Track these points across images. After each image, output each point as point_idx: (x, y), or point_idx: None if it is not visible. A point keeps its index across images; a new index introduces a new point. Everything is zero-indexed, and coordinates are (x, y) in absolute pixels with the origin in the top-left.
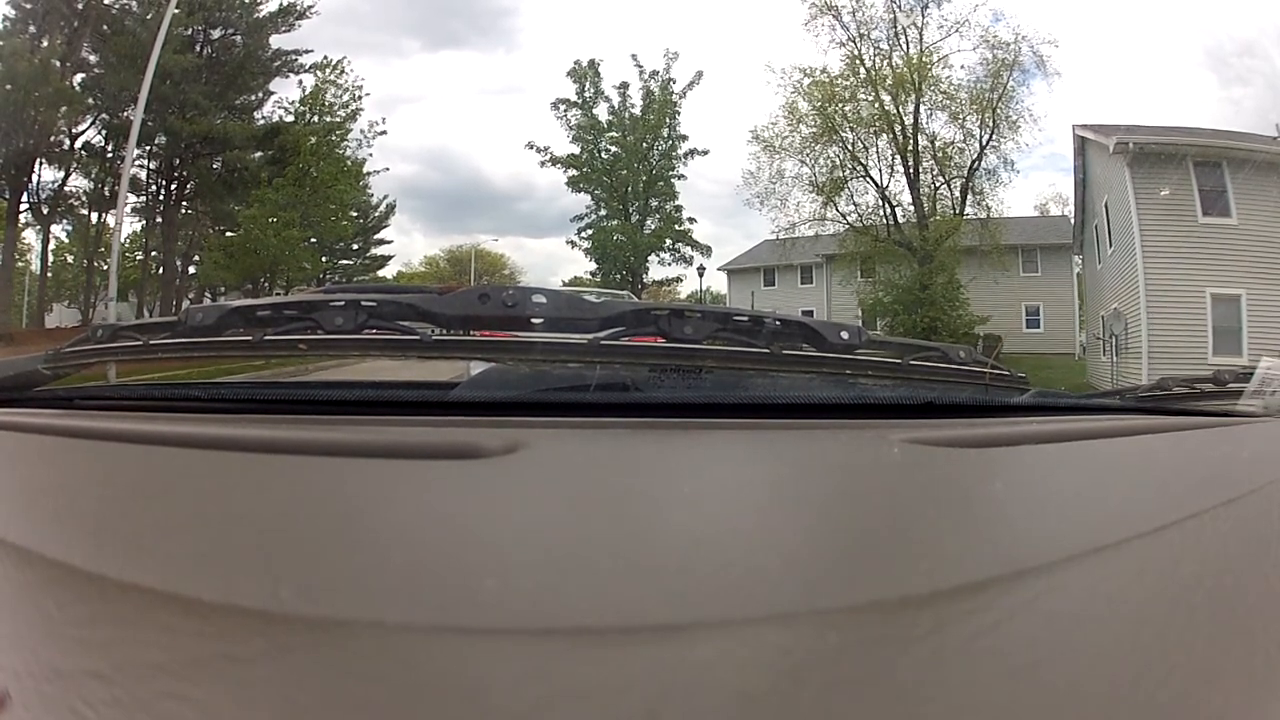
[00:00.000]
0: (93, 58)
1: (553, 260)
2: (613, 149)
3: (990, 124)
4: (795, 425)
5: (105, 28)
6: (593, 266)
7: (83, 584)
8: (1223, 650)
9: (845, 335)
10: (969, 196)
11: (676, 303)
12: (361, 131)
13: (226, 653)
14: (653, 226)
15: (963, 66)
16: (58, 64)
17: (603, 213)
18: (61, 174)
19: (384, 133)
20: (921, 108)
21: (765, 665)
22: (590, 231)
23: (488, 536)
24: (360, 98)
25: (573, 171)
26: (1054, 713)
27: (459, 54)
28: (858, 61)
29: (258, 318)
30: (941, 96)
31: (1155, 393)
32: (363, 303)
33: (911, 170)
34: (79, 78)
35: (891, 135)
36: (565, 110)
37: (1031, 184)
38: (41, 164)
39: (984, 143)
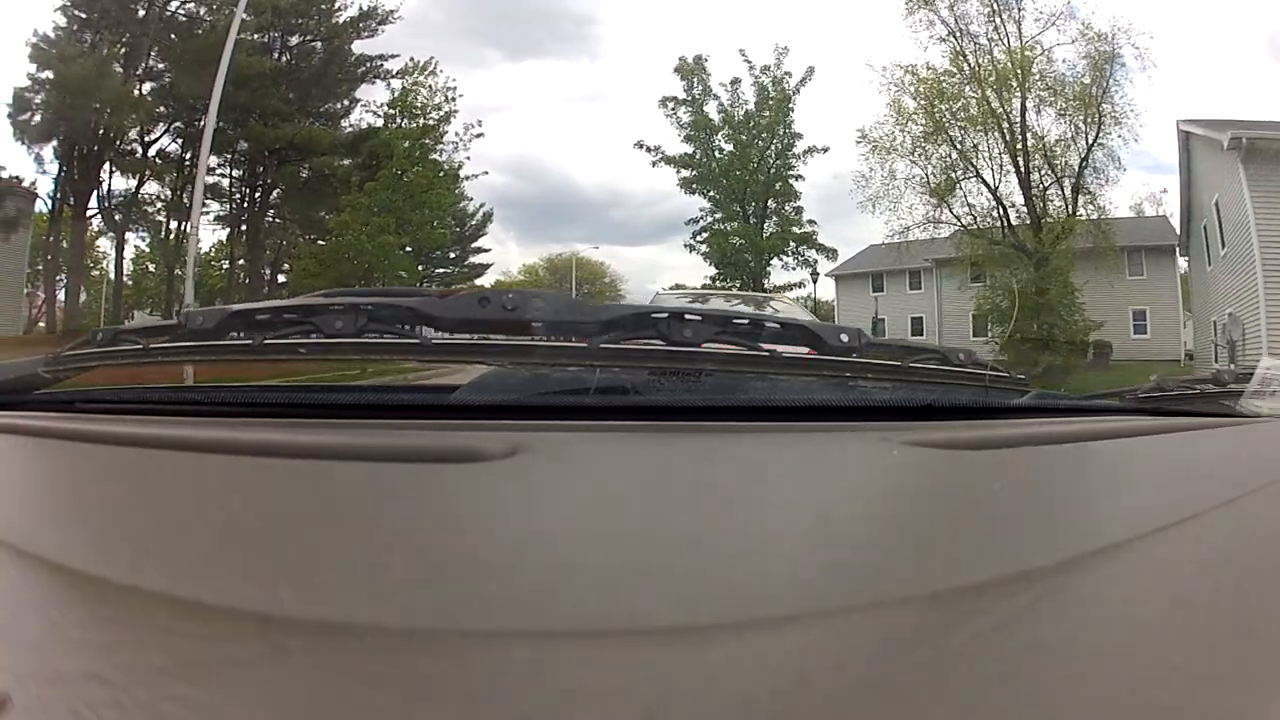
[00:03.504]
0: (161, 66)
1: (649, 268)
2: (727, 147)
3: (1096, 120)
4: (795, 428)
5: (172, 36)
6: (711, 271)
7: (83, 586)
8: (1223, 651)
9: (845, 338)
10: (1079, 196)
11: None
12: (456, 134)
13: (227, 655)
14: (771, 229)
15: (1064, 60)
16: (119, 70)
17: (718, 215)
18: (135, 181)
19: (480, 135)
20: (1027, 104)
21: (767, 667)
22: (706, 235)
23: (489, 540)
24: (453, 99)
25: (686, 172)
26: (1055, 713)
27: (542, 63)
28: (960, 57)
29: (258, 321)
30: (1047, 92)
31: (1155, 393)
32: (363, 307)
33: (1023, 169)
34: (148, 86)
35: (999, 133)
36: (674, 108)
37: (1123, 183)
38: (112, 171)
39: (1092, 139)
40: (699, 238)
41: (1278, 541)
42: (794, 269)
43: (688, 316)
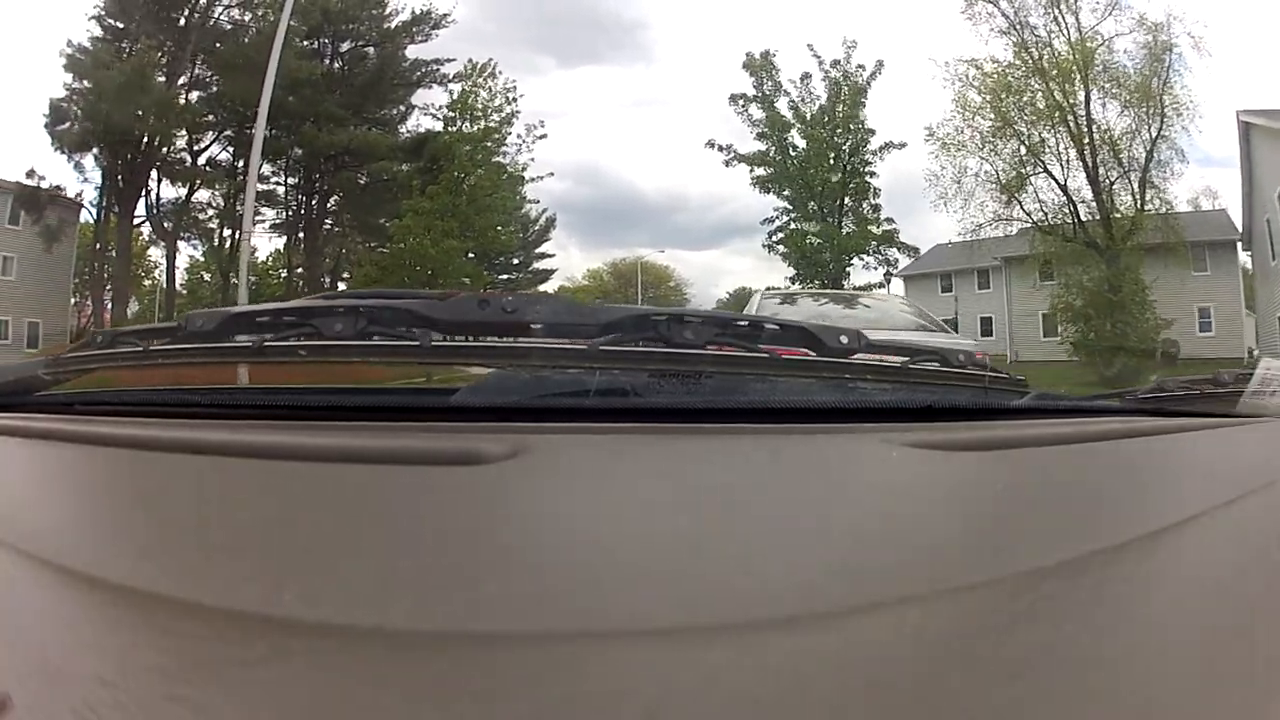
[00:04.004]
0: (208, 75)
1: (711, 272)
2: (801, 144)
3: (1159, 111)
4: (795, 429)
5: (217, 44)
6: (790, 271)
7: (84, 587)
8: (1223, 651)
9: (844, 339)
10: (1145, 191)
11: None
12: (519, 136)
13: (228, 657)
14: (849, 228)
15: (1125, 51)
16: (162, 78)
17: (794, 214)
18: (184, 190)
19: (544, 136)
20: (1092, 96)
21: (768, 669)
22: (781, 235)
23: (489, 541)
24: (514, 100)
25: (760, 170)
26: (1055, 713)
27: (596, 68)
28: (1023, 49)
29: (258, 324)
30: (1110, 83)
31: (1155, 393)
32: (363, 309)
33: (1090, 164)
34: (195, 95)
35: (1066, 127)
36: (744, 105)
37: (1185, 176)
38: (160, 179)
39: (1156, 132)
40: (775, 237)
41: (1278, 541)
42: (875, 268)
43: (687, 318)
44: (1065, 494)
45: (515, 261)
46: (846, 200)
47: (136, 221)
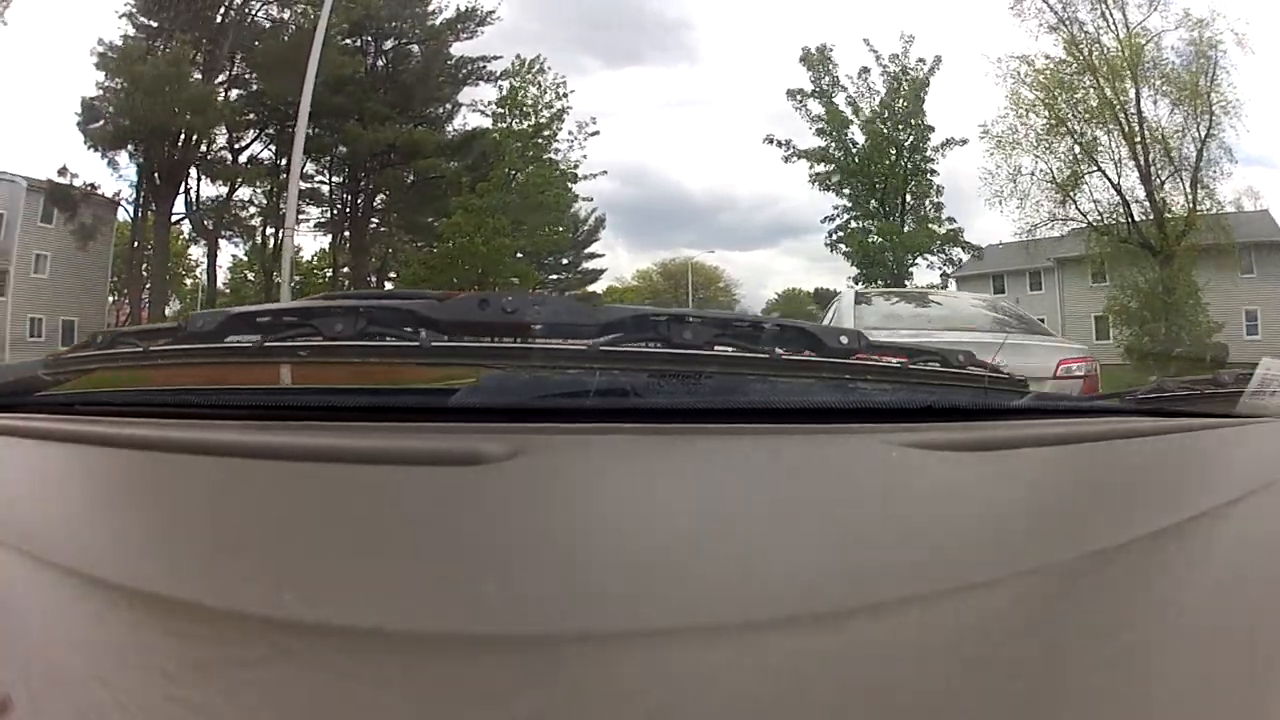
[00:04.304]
0: (248, 73)
1: (760, 273)
2: (861, 139)
3: (1207, 109)
4: (796, 430)
5: (256, 43)
6: (853, 271)
7: (84, 588)
8: (1223, 651)
9: (844, 340)
10: (1197, 190)
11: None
12: (570, 133)
13: (229, 657)
14: (909, 226)
15: (1172, 47)
16: (199, 76)
17: (855, 212)
18: (225, 188)
19: (596, 133)
20: (1142, 94)
21: (768, 669)
22: (842, 234)
23: (490, 542)
24: (564, 95)
25: (820, 167)
26: (1055, 713)
27: (641, 69)
28: (1072, 46)
29: (258, 324)
30: (1160, 80)
31: (1155, 394)
32: (363, 309)
33: (1143, 163)
34: (234, 93)
35: (1118, 124)
36: (802, 101)
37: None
38: (200, 177)
39: (1206, 130)
40: (835, 236)
41: (1278, 541)
42: (939, 269)
43: (688, 319)
44: (1065, 494)
45: (564, 261)
46: (908, 198)
47: (176, 219)
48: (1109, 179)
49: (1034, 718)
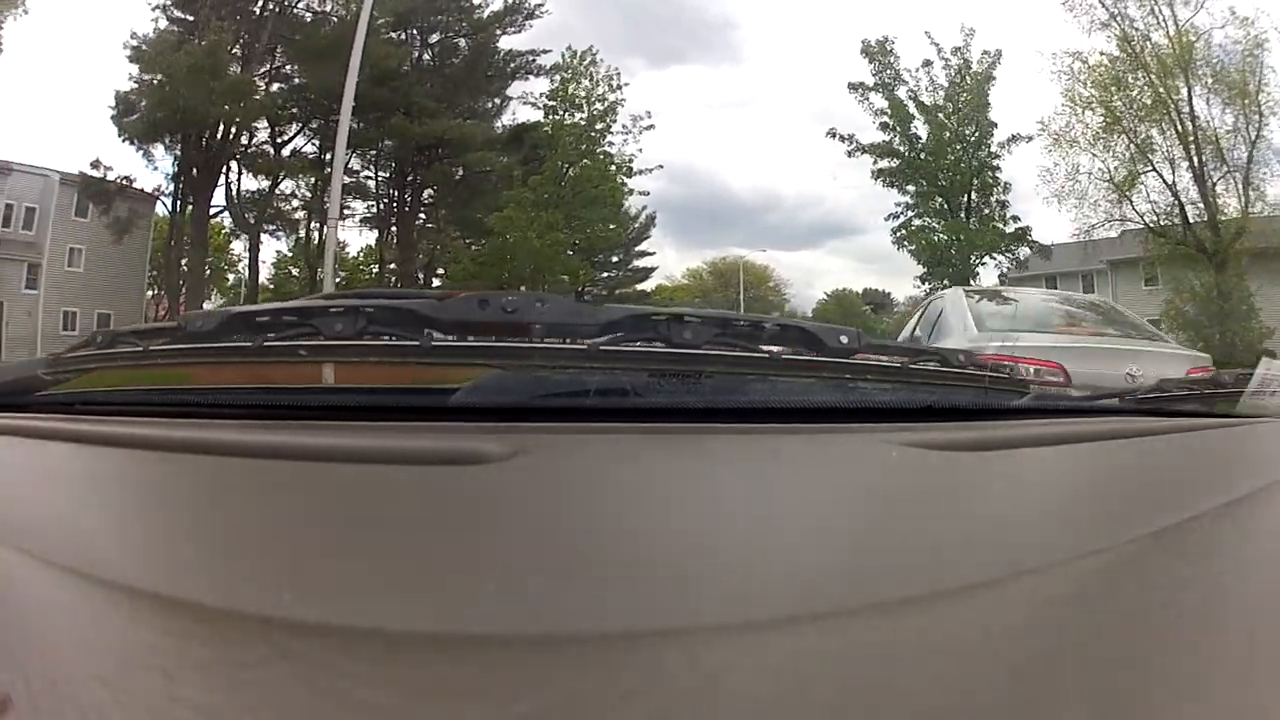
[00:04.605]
0: (289, 67)
1: (806, 273)
2: (923, 133)
3: (1257, 109)
4: (796, 429)
5: (296, 36)
6: (920, 270)
7: (84, 587)
8: (1223, 651)
9: (845, 339)
10: (1249, 192)
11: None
12: (624, 126)
13: (229, 657)
14: (974, 225)
15: (1220, 45)
16: (237, 69)
17: (918, 209)
18: (268, 182)
19: (651, 126)
20: (1194, 92)
21: (768, 669)
22: (904, 231)
23: (490, 542)
24: (618, 87)
25: (884, 162)
26: (1055, 713)
27: (686, 68)
28: (1124, 43)
29: (257, 324)
30: (1212, 79)
31: (1155, 394)
32: (363, 309)
33: (1196, 163)
34: (276, 87)
35: (1170, 123)
36: (864, 94)
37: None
38: (241, 171)
39: (1256, 131)
40: (897, 233)
41: (1278, 542)
42: (1005, 268)
43: (688, 318)
44: (1065, 494)
45: (615, 259)
46: (973, 196)
47: (215, 212)
48: (1163, 179)
49: (1034, 718)
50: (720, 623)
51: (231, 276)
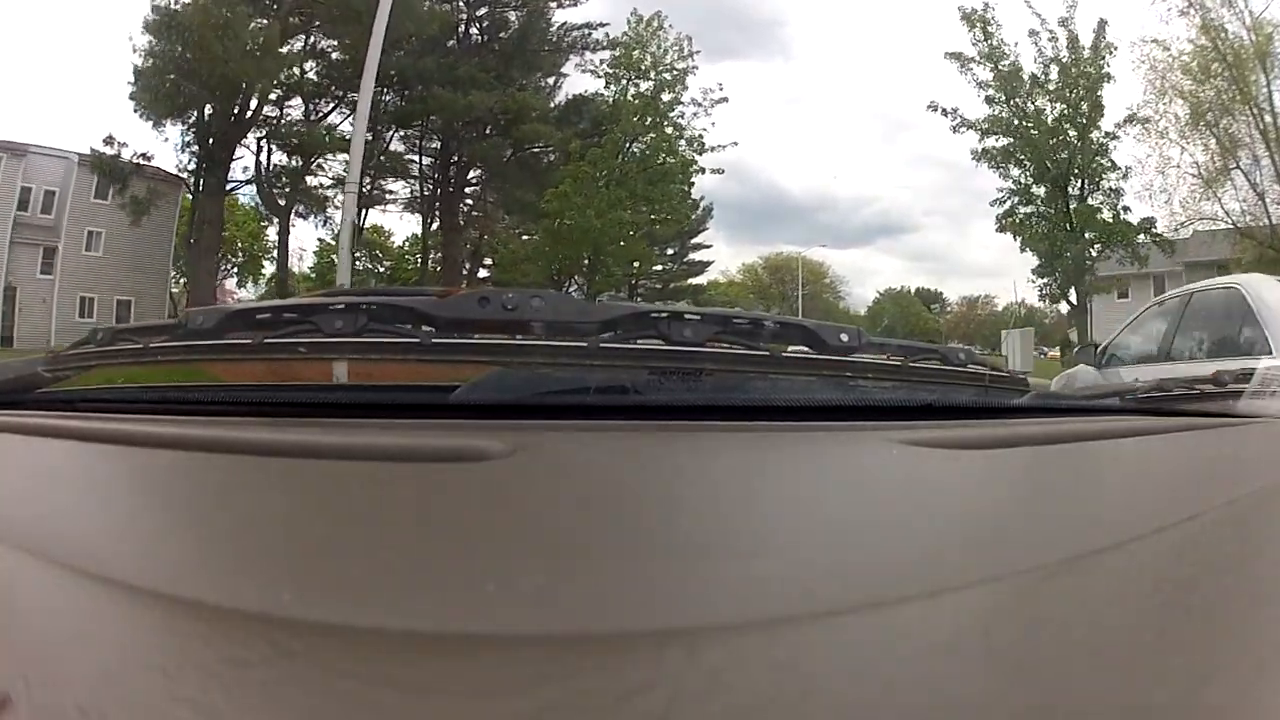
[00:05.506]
0: (323, 42)
1: (857, 272)
2: (1031, 109)
3: None
4: (795, 428)
5: (334, 10)
6: (1035, 262)
7: (84, 586)
8: (1222, 651)
9: (845, 337)
10: None
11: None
12: (694, 99)
13: (228, 656)
14: (1088, 213)
15: None
16: (264, 39)
17: (1021, 195)
18: (299, 161)
19: (724, 99)
20: (1274, 87)
21: (768, 668)
22: (1013, 219)
23: (490, 540)
24: (690, 54)
25: (992, 140)
26: (1055, 713)
27: (738, 64)
28: (1204, 32)
29: (258, 321)
30: None
31: (1155, 393)
32: (363, 306)
33: (1277, 160)
34: (310, 64)
35: (1253, 118)
36: (966, 65)
37: None
38: (270, 147)
39: None
40: (1003, 222)
41: (1277, 542)
42: (1130, 264)
43: (687, 316)
44: (1065, 493)
45: (670, 251)
46: (1085, 183)
47: (231, 187)
48: (1246, 177)
49: (1034, 717)
50: (720, 620)
51: (269, 267)
